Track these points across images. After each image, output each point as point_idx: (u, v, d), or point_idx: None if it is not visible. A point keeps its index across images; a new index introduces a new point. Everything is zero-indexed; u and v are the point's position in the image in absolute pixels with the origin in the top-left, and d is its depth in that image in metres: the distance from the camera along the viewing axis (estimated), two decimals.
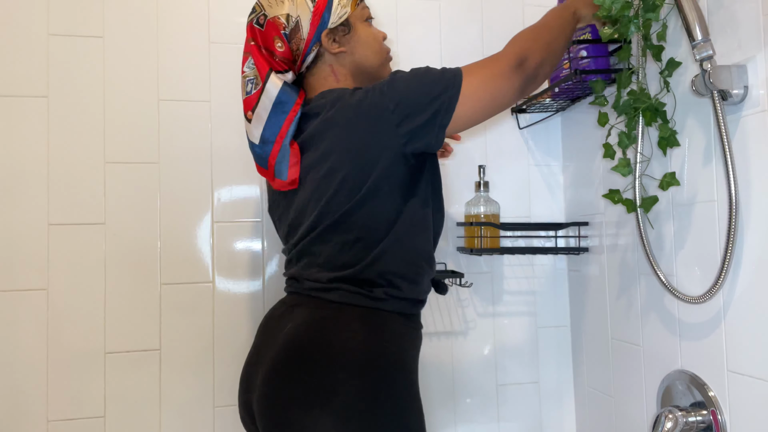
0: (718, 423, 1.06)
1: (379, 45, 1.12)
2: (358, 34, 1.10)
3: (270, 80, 1.06)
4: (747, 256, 1.01)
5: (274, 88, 1.05)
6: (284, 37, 1.06)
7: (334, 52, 1.08)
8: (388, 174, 0.98)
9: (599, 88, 1.27)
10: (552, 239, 1.61)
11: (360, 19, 1.11)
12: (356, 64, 1.10)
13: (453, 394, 1.57)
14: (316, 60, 1.09)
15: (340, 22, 1.08)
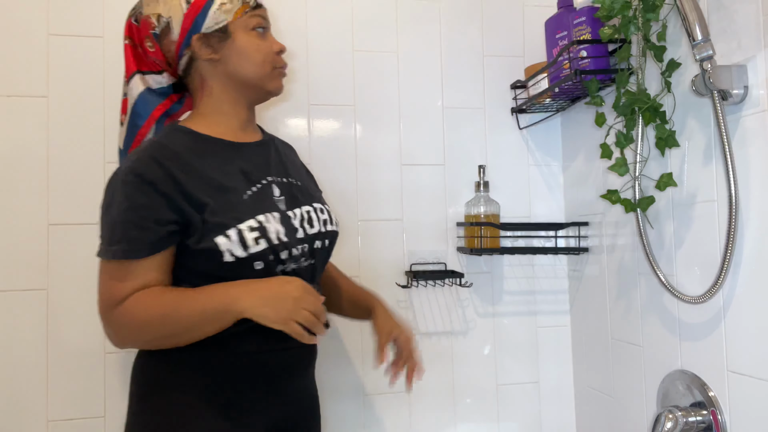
0: (718, 423, 1.06)
1: (261, 57, 1.06)
2: (236, 43, 1.04)
3: (132, 84, 1.06)
4: (747, 256, 1.01)
5: (135, 92, 1.07)
6: (154, 37, 1.04)
7: (206, 58, 1.04)
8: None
9: (594, 88, 1.27)
10: (552, 239, 1.61)
11: (243, 28, 1.05)
12: (230, 74, 1.05)
13: (453, 394, 1.57)
14: (189, 66, 1.06)
15: (216, 28, 1.03)
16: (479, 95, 1.62)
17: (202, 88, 1.07)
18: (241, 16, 1.04)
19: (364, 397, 1.53)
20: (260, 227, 0.98)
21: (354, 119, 1.55)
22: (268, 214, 1.01)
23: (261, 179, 1.06)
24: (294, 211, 1.06)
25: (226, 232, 0.96)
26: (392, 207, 1.56)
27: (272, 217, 1.01)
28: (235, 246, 0.96)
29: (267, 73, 1.07)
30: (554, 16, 1.46)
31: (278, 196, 1.06)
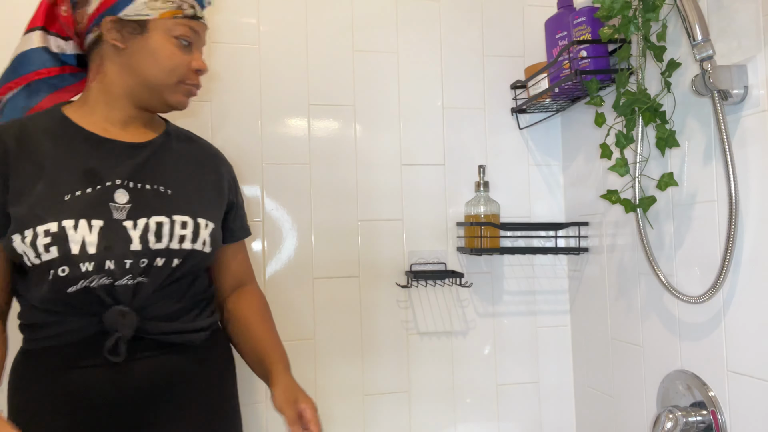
0: (718, 423, 1.06)
1: (167, 65, 0.97)
2: (150, 41, 0.97)
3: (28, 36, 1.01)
4: (747, 256, 1.01)
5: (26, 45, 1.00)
6: (71, 4, 0.98)
7: (111, 42, 0.96)
8: None
9: (594, 88, 1.27)
10: (552, 239, 1.61)
11: (165, 32, 0.97)
12: (130, 68, 0.98)
13: (453, 394, 1.57)
14: (94, 47, 0.99)
15: (134, 19, 0.96)
16: (479, 95, 1.62)
17: (97, 72, 1.00)
18: (167, 18, 0.97)
19: (364, 397, 1.53)
20: (58, 233, 0.88)
21: (354, 119, 1.55)
22: (83, 221, 0.90)
23: (105, 181, 0.95)
24: (138, 220, 0.94)
25: (24, 231, 0.88)
26: (392, 207, 1.56)
27: (86, 225, 0.90)
28: (28, 249, 0.88)
29: (171, 84, 0.99)
30: (554, 16, 1.46)
31: (121, 203, 0.95)
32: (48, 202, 0.90)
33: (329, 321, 1.51)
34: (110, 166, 0.97)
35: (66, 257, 0.88)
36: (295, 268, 1.50)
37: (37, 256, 0.88)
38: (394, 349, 1.55)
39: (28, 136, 0.94)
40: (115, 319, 0.92)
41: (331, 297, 1.51)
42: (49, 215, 0.89)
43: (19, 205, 0.89)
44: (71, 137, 0.97)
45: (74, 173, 0.94)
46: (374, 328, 1.54)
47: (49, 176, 0.92)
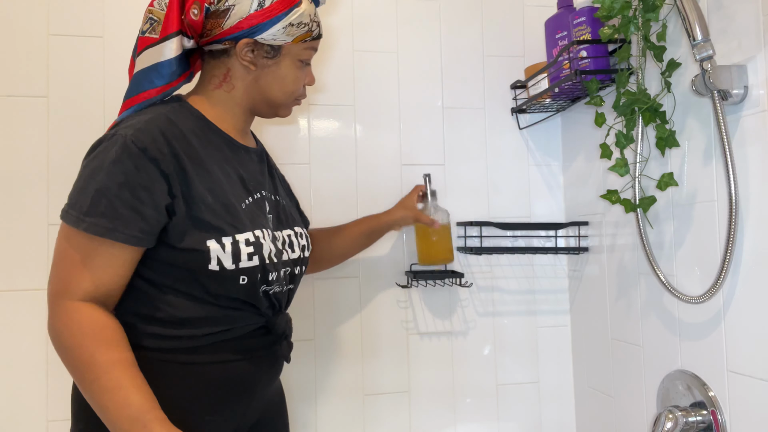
0: (718, 423, 1.06)
1: (292, 88, 1.03)
2: (280, 66, 1.00)
3: (170, 42, 0.96)
4: (747, 256, 1.01)
5: (169, 53, 0.96)
6: (205, 10, 0.96)
7: (243, 63, 0.98)
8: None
9: (594, 88, 1.27)
10: (552, 239, 1.61)
11: (294, 56, 1.01)
12: (256, 87, 1.01)
13: (453, 394, 1.57)
14: (221, 54, 0.99)
15: (271, 44, 0.98)
16: (479, 95, 1.62)
17: (223, 80, 1.01)
18: (300, 42, 1.00)
19: (364, 397, 1.53)
20: (256, 242, 0.93)
21: (354, 119, 1.55)
22: (264, 230, 0.96)
23: (256, 191, 1.01)
24: (280, 232, 1.02)
25: (222, 239, 0.90)
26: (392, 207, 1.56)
27: (267, 234, 0.96)
28: (226, 256, 0.90)
29: (286, 103, 1.05)
30: (554, 16, 1.46)
31: (268, 213, 1.02)
32: (234, 210, 0.93)
33: (329, 321, 1.51)
34: (252, 175, 1.02)
35: (264, 266, 0.94)
36: None
37: (234, 263, 0.90)
38: (394, 349, 1.55)
39: (185, 135, 0.92)
40: (285, 325, 1.03)
41: (331, 297, 1.51)
42: (243, 225, 0.93)
43: (203, 209, 0.89)
44: (218, 141, 0.98)
45: (235, 180, 0.97)
46: (374, 328, 1.54)
47: (220, 182, 0.93)
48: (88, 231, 0.84)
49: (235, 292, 0.93)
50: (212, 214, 0.90)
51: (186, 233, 0.89)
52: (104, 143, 0.88)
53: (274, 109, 1.06)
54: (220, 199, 0.92)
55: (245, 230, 0.93)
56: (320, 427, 1.49)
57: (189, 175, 0.89)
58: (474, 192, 1.60)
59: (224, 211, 0.92)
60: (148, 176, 0.86)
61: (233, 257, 0.90)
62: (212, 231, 0.89)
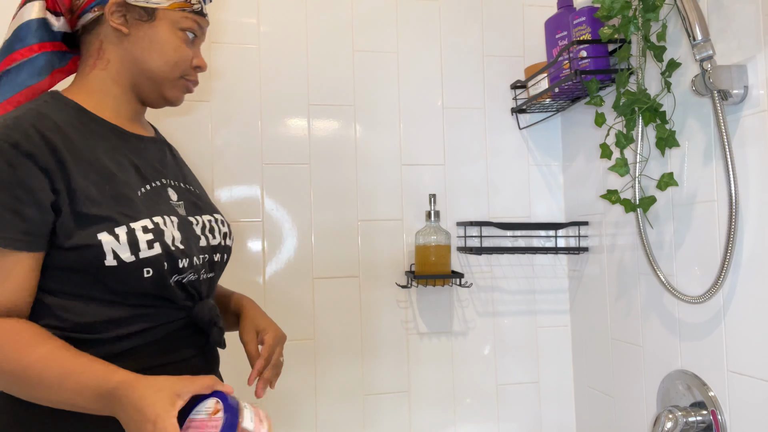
0: (718, 423, 1.06)
1: (175, 57, 0.92)
2: (156, 30, 0.91)
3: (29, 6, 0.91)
4: (747, 256, 1.01)
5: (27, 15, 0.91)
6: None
7: (114, 25, 0.89)
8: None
9: (594, 88, 1.27)
10: (552, 239, 1.61)
11: (172, 23, 0.92)
12: (133, 57, 0.91)
13: (453, 394, 1.57)
14: (91, 27, 0.92)
15: (143, 5, 0.90)
16: (479, 95, 1.62)
17: (97, 57, 0.92)
18: (177, 10, 0.92)
19: (364, 397, 1.53)
20: (156, 229, 0.84)
21: (354, 119, 1.55)
22: (166, 217, 0.87)
23: (155, 179, 0.92)
24: (196, 217, 0.94)
25: (114, 229, 0.81)
26: (392, 207, 1.56)
27: (170, 221, 0.87)
28: (122, 248, 0.80)
29: (173, 78, 0.94)
30: (554, 16, 1.46)
31: (176, 201, 0.93)
32: (127, 199, 0.84)
33: (329, 321, 1.51)
34: (149, 163, 0.93)
35: (168, 253, 0.85)
36: (295, 268, 1.50)
37: (133, 253, 0.81)
38: (394, 349, 1.55)
39: (60, 128, 0.84)
40: (209, 312, 0.92)
41: (331, 297, 1.51)
42: (138, 212, 0.84)
43: (87, 203, 0.81)
44: (102, 131, 0.90)
45: (126, 168, 0.88)
46: (374, 328, 1.54)
47: (109, 171, 0.85)
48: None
49: (141, 287, 0.84)
50: (99, 207, 0.81)
51: (74, 231, 0.80)
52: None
53: (158, 86, 0.94)
54: (109, 191, 0.83)
55: (141, 217, 0.84)
56: (320, 427, 1.49)
57: (68, 169, 0.81)
58: (474, 192, 1.60)
59: (114, 201, 0.83)
60: (24, 173, 0.77)
61: (131, 247, 0.81)
62: (102, 223, 0.81)
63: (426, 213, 1.52)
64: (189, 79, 0.97)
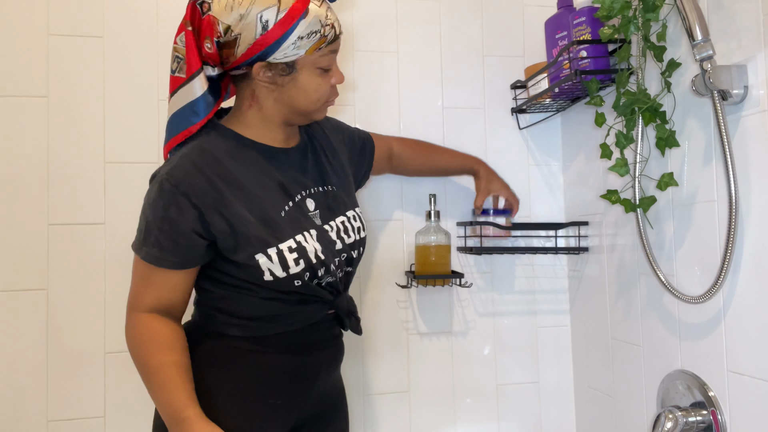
0: (718, 423, 1.06)
1: (317, 95, 1.03)
2: (298, 80, 1.01)
3: (197, 79, 1.00)
4: (747, 256, 1.01)
5: (198, 90, 1.00)
6: (216, 44, 0.98)
7: (263, 84, 1.01)
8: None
9: (594, 88, 1.27)
10: (552, 239, 1.61)
11: (311, 66, 1.00)
12: (282, 102, 1.04)
13: (453, 394, 1.57)
14: (243, 78, 1.03)
15: (284, 61, 0.98)
16: (479, 95, 1.62)
17: (252, 101, 1.05)
18: (314, 52, 0.99)
19: (364, 397, 1.53)
20: (299, 247, 1.00)
21: (354, 119, 1.55)
22: (306, 233, 1.02)
23: (297, 193, 1.06)
24: (330, 223, 1.08)
25: (267, 251, 0.98)
26: (392, 207, 1.56)
27: (309, 236, 1.03)
28: (275, 266, 0.99)
29: (316, 108, 1.06)
30: (554, 16, 1.46)
31: (313, 211, 1.07)
32: (274, 221, 1.00)
33: None
34: (292, 177, 1.07)
35: (311, 266, 1.02)
36: None
37: (284, 270, 0.99)
38: (394, 349, 1.55)
39: (219, 161, 0.99)
40: (347, 304, 1.14)
41: None
42: (284, 234, 1.00)
43: (246, 225, 0.98)
44: (254, 154, 1.04)
45: (273, 189, 1.03)
46: (374, 328, 1.54)
47: (257, 196, 1.00)
48: (145, 259, 0.99)
49: (293, 290, 1.03)
50: (255, 229, 0.98)
51: (237, 248, 0.98)
52: (152, 182, 1.00)
53: (307, 117, 1.08)
54: (259, 214, 0.99)
55: (286, 238, 1.00)
56: None
57: (225, 197, 0.97)
58: (474, 192, 1.60)
59: (263, 224, 0.99)
60: (180, 211, 0.96)
61: (281, 266, 0.99)
62: (258, 245, 0.98)
63: (426, 213, 1.52)
64: (330, 100, 1.08)
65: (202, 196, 0.96)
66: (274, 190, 1.03)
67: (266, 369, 1.05)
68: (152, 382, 0.97)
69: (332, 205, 1.11)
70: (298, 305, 1.07)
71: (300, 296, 1.05)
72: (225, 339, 1.05)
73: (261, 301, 1.04)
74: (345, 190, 1.17)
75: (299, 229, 1.02)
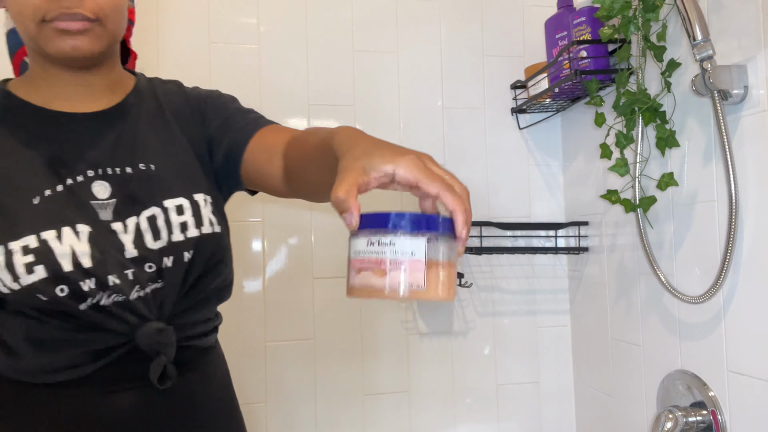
0: (718, 423, 1.06)
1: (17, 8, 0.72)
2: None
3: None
4: (747, 256, 1.01)
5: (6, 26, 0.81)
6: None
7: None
8: None
9: (594, 88, 1.27)
10: (552, 239, 1.61)
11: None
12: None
13: (453, 394, 1.57)
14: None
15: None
16: (479, 95, 1.62)
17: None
18: None
19: (364, 397, 1.53)
20: (40, 248, 0.69)
21: (354, 119, 1.55)
22: (66, 229, 0.71)
23: (78, 174, 0.76)
24: (127, 221, 0.76)
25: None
26: (392, 207, 1.56)
27: (72, 233, 0.71)
28: (2, 272, 0.69)
29: (37, 32, 0.73)
30: (554, 16, 1.46)
31: (103, 199, 0.76)
32: (16, 210, 0.71)
33: (329, 321, 1.51)
34: (78, 149, 0.77)
35: (60, 278, 0.70)
36: (295, 268, 1.50)
37: (15, 280, 0.69)
38: (394, 349, 1.55)
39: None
40: (152, 338, 0.74)
41: (331, 297, 1.51)
42: (24, 228, 0.70)
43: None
44: (19, 118, 0.77)
45: (33, 167, 0.74)
46: (374, 328, 1.54)
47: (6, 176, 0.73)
48: None
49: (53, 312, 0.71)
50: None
51: None
52: None
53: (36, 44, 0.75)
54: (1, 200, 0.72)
55: (23, 234, 0.70)
56: (320, 427, 1.49)
57: None
58: (474, 192, 1.60)
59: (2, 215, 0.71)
60: None
61: (10, 273, 0.68)
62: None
63: None
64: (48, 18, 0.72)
65: None
66: (37, 168, 0.74)
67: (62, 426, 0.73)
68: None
69: (138, 193, 0.78)
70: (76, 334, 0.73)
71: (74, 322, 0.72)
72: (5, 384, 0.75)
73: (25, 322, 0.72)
74: (175, 170, 0.82)
75: (54, 223, 0.71)
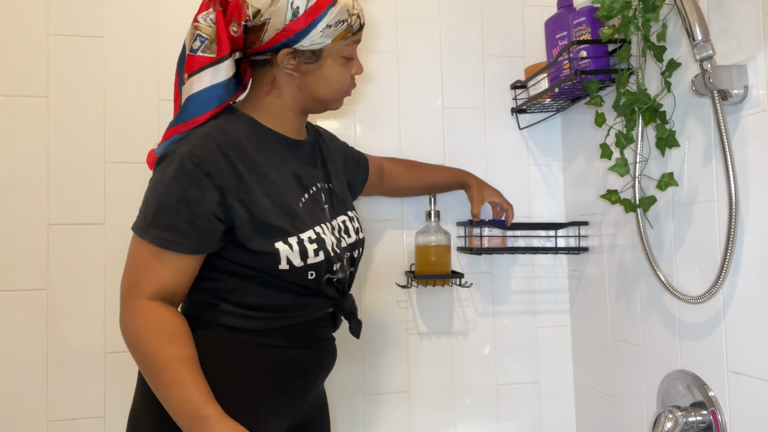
0: (718, 423, 1.06)
1: (338, 86, 1.04)
2: (323, 69, 1.01)
3: (227, 62, 0.98)
4: (747, 255, 1.01)
5: (225, 73, 0.98)
6: (243, 27, 0.97)
7: (286, 71, 1.00)
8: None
9: (594, 88, 1.27)
10: (552, 239, 1.61)
11: (335, 55, 1.01)
12: (303, 91, 1.03)
13: (453, 394, 1.57)
14: (265, 63, 1.02)
15: (310, 49, 0.99)
16: (479, 95, 1.62)
17: (271, 87, 1.03)
18: (340, 41, 1.00)
19: (364, 397, 1.53)
20: (318, 239, 0.99)
21: (354, 119, 1.55)
22: (323, 225, 1.02)
23: (311, 185, 1.06)
24: (335, 221, 1.08)
25: (288, 239, 0.96)
26: (392, 207, 1.56)
27: (326, 228, 1.03)
28: (294, 255, 0.96)
29: (336, 98, 1.07)
30: (554, 16, 1.46)
31: (324, 205, 1.07)
32: (293, 211, 0.98)
33: None
34: (306, 169, 1.07)
35: (328, 259, 1.01)
36: None
37: (302, 260, 0.97)
38: (394, 349, 1.55)
39: (239, 143, 0.96)
40: (351, 305, 1.12)
41: None
42: (304, 224, 0.99)
43: (266, 213, 0.95)
44: (272, 143, 1.03)
45: (289, 179, 1.02)
46: (374, 328, 1.54)
47: (276, 185, 0.98)
48: (153, 242, 0.92)
49: (303, 283, 1.00)
50: (275, 218, 0.96)
51: (252, 237, 0.95)
52: (166, 159, 0.94)
53: (324, 106, 1.08)
54: (279, 203, 0.97)
55: (306, 228, 0.99)
56: None
57: (246, 183, 0.95)
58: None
59: (283, 213, 0.97)
60: (201, 192, 0.92)
61: (301, 255, 0.97)
62: (278, 233, 0.96)
63: (426, 213, 1.52)
64: (348, 89, 1.08)
65: (225, 178, 0.93)
66: (291, 180, 1.02)
67: (272, 363, 1.00)
68: (161, 377, 0.89)
69: (335, 203, 1.10)
70: (304, 298, 1.02)
71: (307, 290, 1.02)
72: (227, 330, 0.98)
73: (267, 291, 0.99)
74: (344, 191, 1.17)
75: (317, 221, 1.01)
